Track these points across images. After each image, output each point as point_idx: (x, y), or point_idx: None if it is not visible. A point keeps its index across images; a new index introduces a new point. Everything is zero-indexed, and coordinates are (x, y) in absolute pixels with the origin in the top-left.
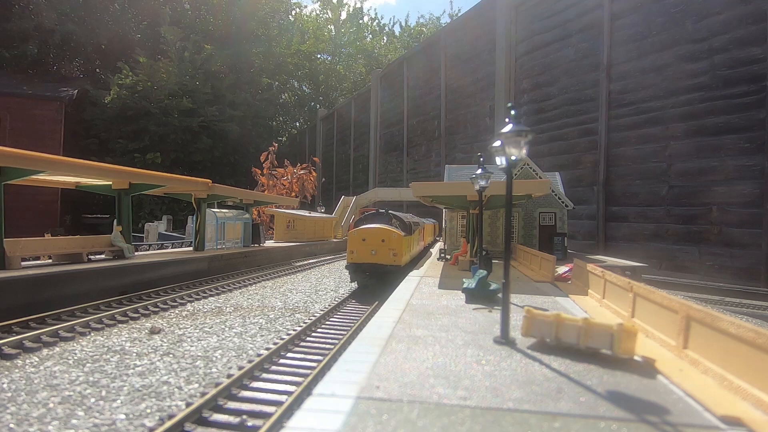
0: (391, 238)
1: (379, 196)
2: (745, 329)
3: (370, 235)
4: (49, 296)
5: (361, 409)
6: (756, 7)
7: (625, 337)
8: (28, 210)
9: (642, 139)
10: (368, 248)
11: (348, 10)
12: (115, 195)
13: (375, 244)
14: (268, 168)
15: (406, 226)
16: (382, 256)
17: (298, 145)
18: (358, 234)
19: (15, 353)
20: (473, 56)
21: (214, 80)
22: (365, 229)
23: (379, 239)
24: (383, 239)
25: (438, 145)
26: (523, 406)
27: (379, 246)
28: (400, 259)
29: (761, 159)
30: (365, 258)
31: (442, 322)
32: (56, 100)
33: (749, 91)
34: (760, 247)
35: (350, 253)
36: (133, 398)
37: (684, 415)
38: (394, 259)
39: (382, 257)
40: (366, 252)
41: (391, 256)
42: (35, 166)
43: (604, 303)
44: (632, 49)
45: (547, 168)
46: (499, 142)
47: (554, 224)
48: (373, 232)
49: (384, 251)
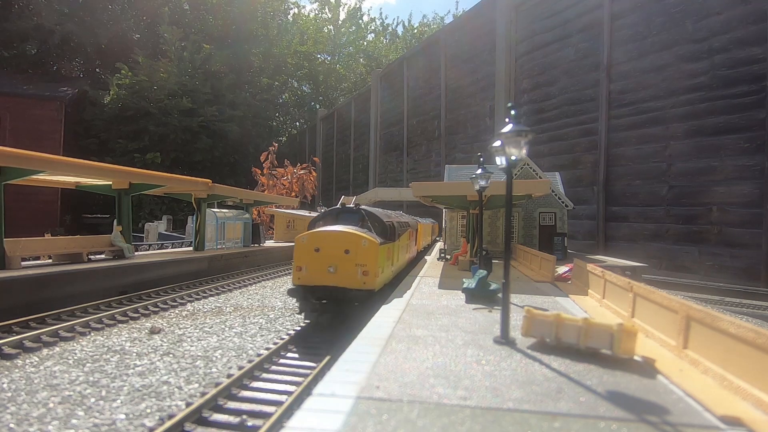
0: (359, 248)
1: (379, 196)
2: (745, 329)
3: (327, 242)
4: (49, 296)
5: (361, 409)
6: (756, 7)
7: (625, 337)
8: (28, 210)
9: (642, 139)
10: (324, 263)
11: (346, 9)
12: (115, 195)
13: (335, 257)
14: (268, 168)
15: (386, 228)
16: (346, 276)
17: (298, 145)
18: (308, 241)
19: (15, 353)
20: (473, 56)
21: (214, 80)
22: (320, 234)
23: (340, 249)
24: (347, 249)
25: (438, 145)
26: (523, 406)
27: (342, 260)
28: (373, 279)
29: (761, 159)
30: (319, 278)
31: (442, 322)
32: (56, 100)
33: (749, 91)
34: (760, 247)
35: (296, 270)
36: (133, 398)
37: (684, 415)
38: (364, 280)
39: (345, 277)
40: (320, 269)
41: (359, 275)
42: (35, 166)
43: (604, 303)
44: (632, 49)
45: (547, 168)
46: (499, 142)
47: (554, 224)
48: (333, 238)
49: (348, 268)
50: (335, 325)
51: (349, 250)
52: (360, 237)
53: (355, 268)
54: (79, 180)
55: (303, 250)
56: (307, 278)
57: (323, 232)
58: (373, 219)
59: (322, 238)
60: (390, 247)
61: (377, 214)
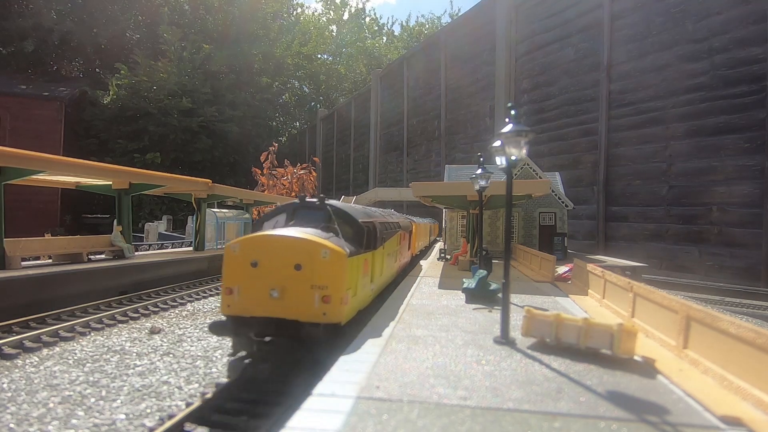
0: (316, 262)
1: (379, 196)
2: (745, 329)
3: (268, 252)
4: (49, 296)
5: (361, 409)
6: (756, 7)
7: (625, 337)
8: (28, 210)
9: (642, 139)
10: (264, 283)
11: (350, 10)
12: (115, 195)
13: (280, 275)
14: (268, 168)
15: (362, 232)
16: (297, 303)
17: (298, 145)
18: (242, 251)
19: (15, 353)
20: (473, 56)
21: (214, 80)
22: (258, 241)
23: (288, 263)
24: (299, 263)
25: (438, 145)
26: (523, 406)
27: (291, 279)
28: (338, 308)
29: (761, 159)
30: (257, 306)
31: (442, 322)
32: (56, 100)
33: (749, 91)
34: (760, 247)
35: (225, 293)
36: (133, 398)
37: (684, 415)
38: (325, 309)
39: (295, 305)
40: (259, 292)
41: (316, 302)
42: (35, 166)
43: (604, 303)
44: (632, 49)
45: (547, 168)
46: (499, 142)
47: (554, 224)
48: (277, 246)
49: (300, 291)
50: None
51: (301, 264)
52: (318, 245)
53: (310, 292)
54: (79, 180)
55: (234, 264)
56: (239, 306)
57: (263, 237)
58: (344, 219)
59: (261, 247)
60: (368, 258)
61: (350, 213)
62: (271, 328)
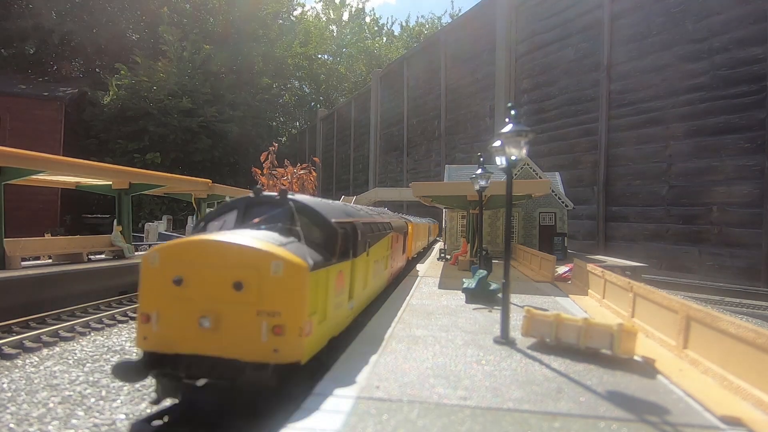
0: (264, 278)
1: (379, 196)
2: (745, 329)
3: (198, 265)
4: (49, 296)
5: (361, 409)
6: (756, 7)
7: (625, 337)
8: (28, 210)
9: (642, 139)
10: (191, 308)
11: (350, 10)
12: (115, 195)
13: (212, 296)
14: (268, 168)
15: (335, 236)
16: (236, 336)
17: (298, 145)
18: (162, 263)
19: (15, 353)
20: (473, 56)
21: (214, 80)
22: (183, 248)
23: (224, 280)
24: (239, 281)
25: (438, 145)
26: (523, 406)
27: (228, 302)
28: (294, 341)
29: (761, 159)
30: (183, 339)
31: (442, 322)
32: (56, 100)
33: (749, 91)
34: (760, 247)
35: (142, 320)
36: (133, 398)
37: (684, 415)
38: (276, 345)
39: (233, 338)
40: (185, 319)
41: (263, 334)
42: (35, 166)
43: (604, 303)
44: (632, 49)
45: (547, 168)
46: (499, 142)
47: (554, 224)
48: (208, 256)
49: (241, 319)
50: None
51: (242, 282)
52: (267, 255)
53: (255, 321)
54: (79, 180)
55: (153, 281)
56: (159, 339)
57: (190, 244)
58: (312, 219)
59: (188, 258)
60: (345, 270)
61: (319, 210)
62: (203, 369)
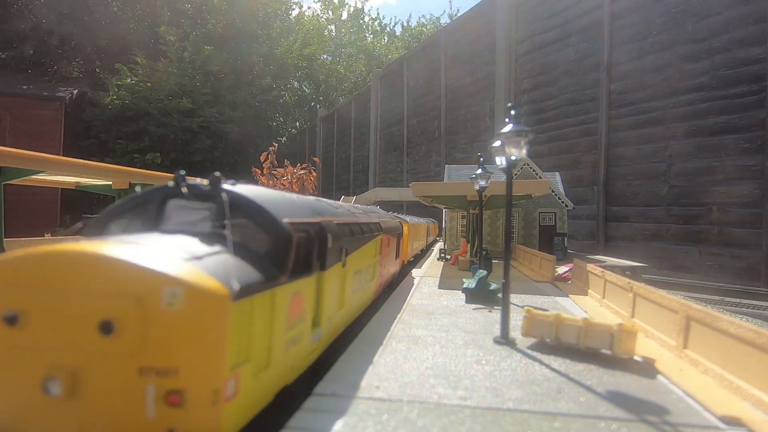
0: (150, 316)
1: (379, 196)
2: (745, 329)
3: (45, 292)
4: None
5: (361, 409)
6: (756, 7)
7: (625, 337)
8: (28, 210)
9: (642, 139)
10: (34, 362)
11: (348, 10)
12: (115, 195)
13: (69, 343)
14: (268, 168)
15: (288, 243)
16: (105, 408)
17: (298, 145)
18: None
19: None
20: (473, 56)
21: (214, 81)
22: (23, 265)
23: (86, 317)
24: (108, 319)
25: (438, 145)
26: (523, 406)
27: (93, 353)
28: (204, 413)
29: (761, 159)
30: (21, 413)
31: (442, 322)
32: (56, 100)
33: (749, 91)
34: (760, 247)
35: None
36: None
37: (684, 415)
38: (172, 421)
39: (101, 412)
40: (22, 382)
41: (148, 404)
42: (35, 166)
43: (604, 303)
44: (632, 49)
45: (547, 168)
46: (499, 142)
47: (554, 224)
48: (62, 277)
49: (113, 380)
50: None
51: (111, 321)
52: (156, 277)
53: (136, 384)
54: (79, 180)
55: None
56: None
57: (31, 258)
58: (252, 218)
59: (27, 280)
60: (304, 291)
61: (264, 206)
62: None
